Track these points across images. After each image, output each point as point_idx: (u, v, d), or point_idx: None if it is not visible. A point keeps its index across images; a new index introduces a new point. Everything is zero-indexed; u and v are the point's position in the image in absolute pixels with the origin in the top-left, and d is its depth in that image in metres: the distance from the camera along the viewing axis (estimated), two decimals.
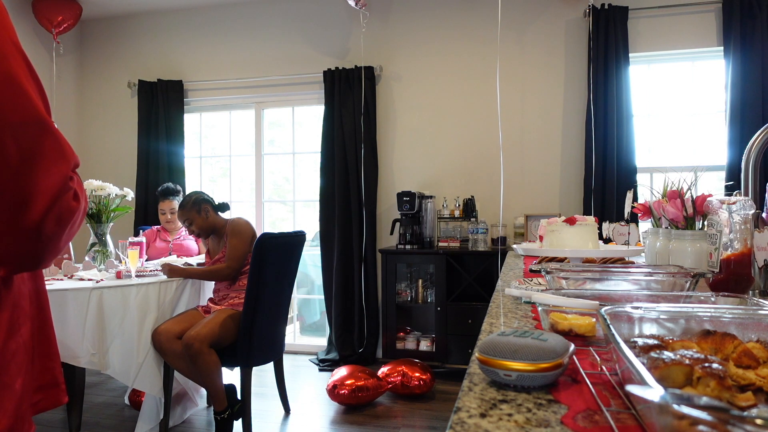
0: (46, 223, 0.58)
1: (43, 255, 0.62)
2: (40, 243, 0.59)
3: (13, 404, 0.65)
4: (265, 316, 2.60)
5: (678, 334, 0.60)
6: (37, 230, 0.58)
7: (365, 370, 3.14)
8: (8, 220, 0.56)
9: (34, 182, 0.57)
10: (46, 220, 0.58)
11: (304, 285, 4.84)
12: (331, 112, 4.03)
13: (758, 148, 1.26)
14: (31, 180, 0.57)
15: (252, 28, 4.34)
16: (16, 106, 0.57)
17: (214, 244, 2.86)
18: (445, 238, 3.80)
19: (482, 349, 0.57)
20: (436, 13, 3.98)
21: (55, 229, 0.60)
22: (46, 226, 0.59)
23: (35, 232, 0.58)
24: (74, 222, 0.64)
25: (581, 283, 1.00)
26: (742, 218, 0.99)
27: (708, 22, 3.51)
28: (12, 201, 0.56)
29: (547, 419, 0.47)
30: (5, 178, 0.56)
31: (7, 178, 0.56)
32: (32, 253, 0.60)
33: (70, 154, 0.62)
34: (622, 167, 3.50)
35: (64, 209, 0.61)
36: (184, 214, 2.75)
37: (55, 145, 0.60)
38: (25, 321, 0.68)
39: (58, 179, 0.59)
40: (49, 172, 0.58)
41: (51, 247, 0.62)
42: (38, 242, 0.59)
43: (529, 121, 3.81)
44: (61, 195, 0.60)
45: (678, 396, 0.32)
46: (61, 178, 0.60)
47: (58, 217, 0.60)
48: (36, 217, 0.57)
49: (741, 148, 3.04)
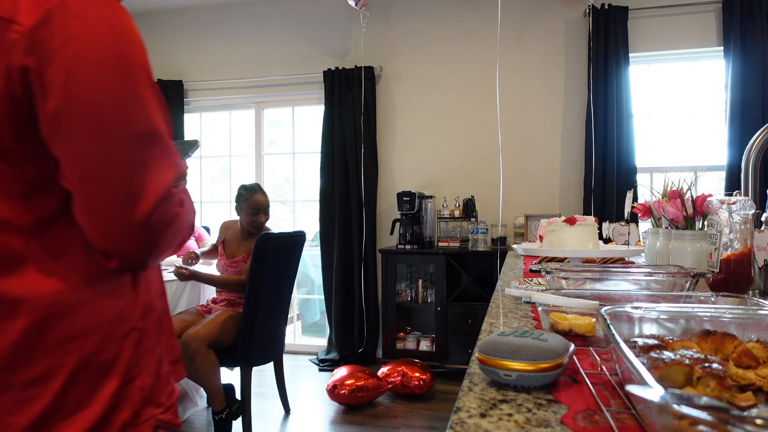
0: (150, 221, 0.66)
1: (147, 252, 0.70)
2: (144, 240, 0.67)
3: (155, 365, 0.75)
4: (265, 316, 2.60)
5: (678, 334, 0.60)
6: (142, 227, 0.66)
7: (365, 370, 3.14)
8: (118, 216, 0.65)
9: (143, 184, 0.65)
10: (151, 219, 0.66)
11: (304, 285, 4.84)
12: (331, 112, 4.03)
13: (758, 148, 1.26)
14: (141, 182, 0.65)
15: (252, 28, 4.34)
16: (133, 118, 0.66)
17: (238, 243, 2.83)
18: (445, 238, 3.80)
19: (482, 349, 0.57)
20: (436, 13, 3.98)
21: (159, 229, 0.68)
22: (150, 225, 0.67)
23: (141, 229, 0.66)
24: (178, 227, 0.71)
25: (581, 283, 1.00)
26: (742, 218, 0.99)
27: (708, 22, 3.51)
28: (123, 199, 0.65)
29: (547, 419, 0.47)
30: (119, 179, 0.64)
31: (121, 179, 0.64)
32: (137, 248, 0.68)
33: (176, 164, 0.71)
34: (622, 167, 3.50)
35: (168, 212, 0.68)
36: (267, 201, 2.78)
37: (163, 154, 0.68)
38: (158, 298, 0.79)
39: (164, 184, 0.67)
40: (156, 177, 0.67)
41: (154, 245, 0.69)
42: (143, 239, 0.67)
43: (529, 121, 3.81)
44: (166, 199, 0.67)
45: (678, 396, 0.32)
46: (166, 183, 0.68)
47: (161, 217, 0.67)
48: (142, 215, 0.65)
49: (741, 148, 3.04)
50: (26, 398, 0.62)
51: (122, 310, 0.71)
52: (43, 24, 0.60)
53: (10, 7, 0.59)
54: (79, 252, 0.68)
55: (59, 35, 0.60)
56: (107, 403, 0.68)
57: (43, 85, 0.61)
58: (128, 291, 0.73)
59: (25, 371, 0.62)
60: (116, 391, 0.69)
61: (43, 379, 0.63)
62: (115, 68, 0.64)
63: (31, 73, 0.60)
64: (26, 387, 0.62)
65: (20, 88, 0.61)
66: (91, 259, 0.69)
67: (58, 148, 0.64)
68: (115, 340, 0.70)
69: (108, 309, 0.69)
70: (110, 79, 0.64)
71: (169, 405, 0.78)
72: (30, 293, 0.63)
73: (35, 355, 0.63)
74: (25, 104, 0.62)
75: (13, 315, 0.62)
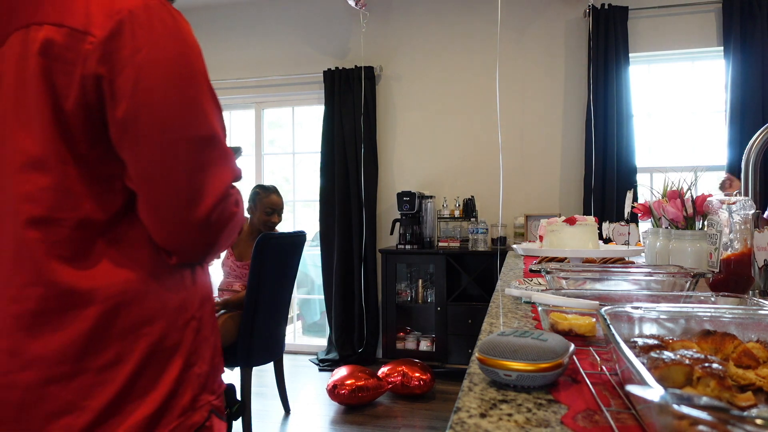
0: (210, 220, 0.71)
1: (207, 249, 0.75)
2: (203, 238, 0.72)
3: (210, 354, 0.80)
4: (265, 316, 2.60)
5: (678, 334, 0.60)
6: (203, 225, 0.70)
7: (365, 370, 3.14)
8: (181, 215, 0.69)
9: (203, 186, 0.70)
10: (211, 217, 0.71)
11: (304, 285, 4.84)
12: (331, 112, 4.03)
13: (758, 148, 1.26)
14: (201, 184, 0.70)
15: (252, 28, 4.34)
16: (195, 123, 0.70)
17: (246, 243, 2.81)
18: (445, 238, 3.80)
19: (482, 349, 0.57)
20: (436, 13, 3.98)
21: (217, 227, 0.73)
22: (211, 223, 0.71)
23: (201, 228, 0.71)
24: (233, 225, 0.75)
25: (581, 283, 1.00)
26: (742, 218, 0.99)
27: (708, 22, 3.51)
28: (185, 200, 0.69)
29: (547, 419, 0.47)
30: (181, 181, 0.69)
31: (183, 181, 0.69)
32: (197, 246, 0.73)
33: (233, 167, 0.75)
34: (622, 167, 3.50)
35: (226, 211, 0.73)
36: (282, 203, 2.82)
37: (221, 157, 0.72)
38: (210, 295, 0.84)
39: (222, 185, 0.71)
40: (215, 179, 0.71)
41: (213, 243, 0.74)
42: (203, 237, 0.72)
43: (529, 121, 3.81)
44: (224, 199, 0.72)
45: (678, 396, 0.32)
46: (224, 184, 0.72)
47: (219, 217, 0.72)
48: (203, 214, 0.70)
49: (741, 148, 3.04)
50: (101, 382, 0.66)
51: (183, 300, 0.76)
52: (114, 35, 0.64)
53: (83, 20, 0.64)
54: (143, 247, 0.72)
55: (128, 45, 0.65)
56: (170, 387, 0.71)
57: (113, 92, 0.65)
58: (188, 283, 0.78)
59: (99, 356, 0.66)
60: (178, 376, 0.73)
61: (116, 364, 0.67)
62: (179, 76, 0.68)
63: (103, 81, 0.65)
64: (100, 371, 0.66)
65: (93, 96, 0.65)
66: (155, 254, 0.73)
67: (125, 151, 0.68)
68: (178, 327, 0.74)
69: (171, 298, 0.74)
70: (174, 86, 0.68)
71: (219, 393, 0.82)
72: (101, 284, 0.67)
73: (108, 341, 0.67)
74: (97, 110, 0.66)
75: (87, 304, 0.66)
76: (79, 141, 0.66)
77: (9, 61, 0.66)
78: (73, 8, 0.65)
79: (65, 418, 0.64)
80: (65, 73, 0.64)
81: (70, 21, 0.64)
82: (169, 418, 0.71)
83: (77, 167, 0.67)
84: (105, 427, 0.66)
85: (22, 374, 0.64)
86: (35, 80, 0.64)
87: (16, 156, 0.65)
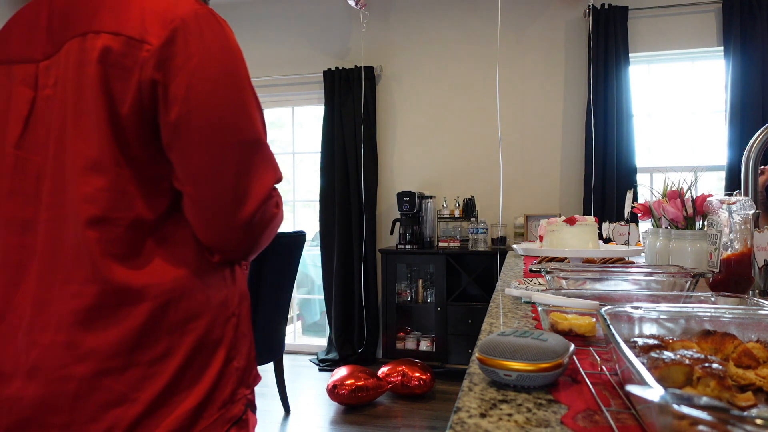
0: (253, 221, 0.74)
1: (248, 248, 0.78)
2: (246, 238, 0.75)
3: (247, 349, 0.83)
4: (265, 316, 2.60)
5: (678, 334, 0.60)
6: (246, 226, 0.74)
7: (365, 370, 3.14)
8: (226, 216, 0.73)
9: (248, 188, 0.73)
10: (254, 219, 0.74)
11: (304, 285, 4.84)
12: (331, 112, 4.03)
13: (758, 148, 1.26)
14: (246, 186, 0.73)
15: (252, 28, 4.33)
16: (242, 127, 0.73)
17: None
18: (445, 238, 3.80)
19: (482, 349, 0.57)
20: (436, 13, 3.98)
21: (260, 228, 0.76)
22: (254, 224, 0.74)
23: (245, 228, 0.74)
24: (273, 226, 0.79)
25: (581, 283, 1.00)
26: (742, 218, 0.99)
27: (708, 22, 3.51)
28: (230, 202, 0.72)
29: (547, 419, 0.47)
30: (228, 184, 0.72)
31: (229, 184, 0.72)
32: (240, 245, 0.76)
33: (275, 169, 0.78)
34: (622, 167, 3.50)
35: (267, 213, 0.77)
36: None
37: (265, 160, 0.76)
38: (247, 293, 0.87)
39: (265, 188, 0.75)
40: (260, 181, 0.74)
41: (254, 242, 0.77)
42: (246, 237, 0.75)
43: (529, 121, 3.81)
44: (267, 200, 0.75)
45: (678, 396, 0.32)
46: (267, 187, 0.75)
47: (261, 218, 0.75)
48: (247, 215, 0.73)
49: (741, 148, 3.04)
50: (151, 374, 0.69)
51: (225, 297, 0.79)
52: (169, 43, 0.68)
53: (139, 28, 0.68)
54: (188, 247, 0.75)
55: (182, 53, 0.69)
56: (213, 380, 0.75)
57: (167, 97, 0.69)
58: (229, 281, 0.81)
59: (149, 350, 0.69)
60: (220, 370, 0.76)
61: (164, 358, 0.70)
62: (227, 82, 0.72)
63: (158, 86, 0.69)
64: (150, 364, 0.69)
65: (148, 100, 0.69)
66: (199, 253, 0.76)
67: (175, 153, 0.71)
68: (220, 323, 0.77)
69: (214, 295, 0.77)
70: (223, 91, 0.72)
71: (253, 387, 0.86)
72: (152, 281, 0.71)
73: (157, 336, 0.70)
74: (151, 114, 0.70)
75: (140, 301, 0.69)
76: (132, 143, 0.70)
77: (66, 68, 0.70)
78: (129, 17, 0.69)
79: (117, 409, 0.67)
80: (122, 80, 0.68)
81: (127, 30, 0.68)
82: (210, 410, 0.74)
83: (129, 169, 0.70)
84: (153, 418, 0.69)
85: (77, 366, 0.67)
86: (94, 86, 0.67)
87: (78, 159, 0.69)
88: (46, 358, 0.67)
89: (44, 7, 0.74)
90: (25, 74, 0.73)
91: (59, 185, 0.70)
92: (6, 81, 0.74)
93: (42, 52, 0.73)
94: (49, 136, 0.71)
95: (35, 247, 0.70)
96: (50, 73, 0.71)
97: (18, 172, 0.72)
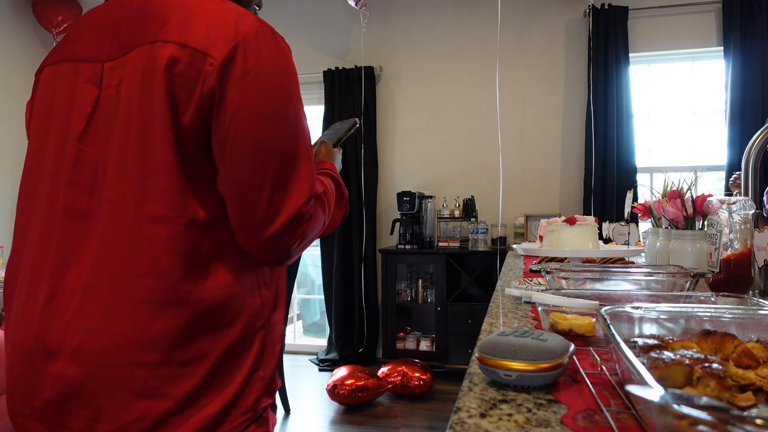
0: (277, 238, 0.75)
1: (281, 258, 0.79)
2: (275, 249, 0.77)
3: (275, 360, 0.85)
4: None
5: (678, 334, 0.60)
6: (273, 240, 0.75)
7: (365, 370, 3.14)
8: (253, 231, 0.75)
9: (280, 206, 0.75)
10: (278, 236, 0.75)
11: (304, 285, 4.84)
12: (331, 112, 4.03)
13: (758, 148, 1.26)
14: (279, 203, 0.75)
15: None
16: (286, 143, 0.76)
17: None
18: (445, 238, 3.80)
19: (482, 349, 0.57)
20: (436, 13, 3.98)
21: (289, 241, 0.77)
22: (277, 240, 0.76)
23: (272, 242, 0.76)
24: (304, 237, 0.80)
25: (581, 283, 1.00)
26: (742, 218, 0.99)
27: (708, 22, 3.52)
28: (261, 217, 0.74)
29: (547, 419, 0.47)
30: (263, 197, 0.74)
31: (264, 197, 0.74)
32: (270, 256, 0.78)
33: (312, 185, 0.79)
34: (622, 167, 3.50)
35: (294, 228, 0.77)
36: None
37: (303, 175, 0.77)
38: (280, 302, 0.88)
39: (296, 206, 0.76)
40: (291, 200, 0.75)
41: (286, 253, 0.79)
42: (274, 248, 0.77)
43: (529, 121, 3.81)
44: (294, 219, 0.76)
45: (678, 396, 0.32)
46: (297, 205, 0.76)
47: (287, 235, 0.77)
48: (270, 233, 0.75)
49: (741, 148, 3.04)
50: (182, 374, 0.72)
51: (258, 307, 0.81)
52: (230, 58, 0.71)
53: (205, 42, 0.71)
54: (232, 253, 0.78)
55: (239, 68, 0.72)
56: (238, 387, 0.77)
57: (221, 107, 0.72)
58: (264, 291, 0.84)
59: (185, 351, 0.72)
60: (245, 377, 0.78)
61: (197, 360, 0.73)
62: (277, 98, 0.75)
63: (215, 98, 0.72)
64: (183, 365, 0.72)
65: (206, 110, 0.72)
66: (242, 259, 0.79)
67: (221, 161, 0.74)
68: (251, 333, 0.80)
69: (250, 305, 0.79)
70: (272, 106, 0.74)
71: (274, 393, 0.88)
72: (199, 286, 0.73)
73: (194, 339, 0.73)
74: (207, 123, 0.73)
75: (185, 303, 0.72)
76: (189, 147, 0.73)
77: (134, 72, 0.73)
78: (195, 30, 0.72)
79: (148, 401, 0.70)
80: (186, 89, 0.71)
81: (193, 42, 0.71)
82: (234, 415, 0.77)
83: (186, 171, 0.73)
84: (180, 416, 0.72)
85: (116, 354, 0.70)
86: (160, 93, 0.71)
87: (144, 159, 0.72)
88: (89, 341, 0.70)
89: (113, 12, 0.79)
90: (92, 73, 0.76)
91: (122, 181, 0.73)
92: (73, 77, 0.78)
93: (107, 54, 0.76)
94: (110, 133, 0.74)
95: (92, 235, 0.73)
96: (114, 74, 0.75)
97: (78, 164, 0.75)
